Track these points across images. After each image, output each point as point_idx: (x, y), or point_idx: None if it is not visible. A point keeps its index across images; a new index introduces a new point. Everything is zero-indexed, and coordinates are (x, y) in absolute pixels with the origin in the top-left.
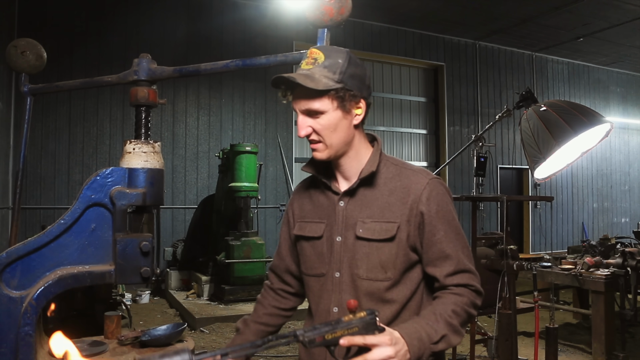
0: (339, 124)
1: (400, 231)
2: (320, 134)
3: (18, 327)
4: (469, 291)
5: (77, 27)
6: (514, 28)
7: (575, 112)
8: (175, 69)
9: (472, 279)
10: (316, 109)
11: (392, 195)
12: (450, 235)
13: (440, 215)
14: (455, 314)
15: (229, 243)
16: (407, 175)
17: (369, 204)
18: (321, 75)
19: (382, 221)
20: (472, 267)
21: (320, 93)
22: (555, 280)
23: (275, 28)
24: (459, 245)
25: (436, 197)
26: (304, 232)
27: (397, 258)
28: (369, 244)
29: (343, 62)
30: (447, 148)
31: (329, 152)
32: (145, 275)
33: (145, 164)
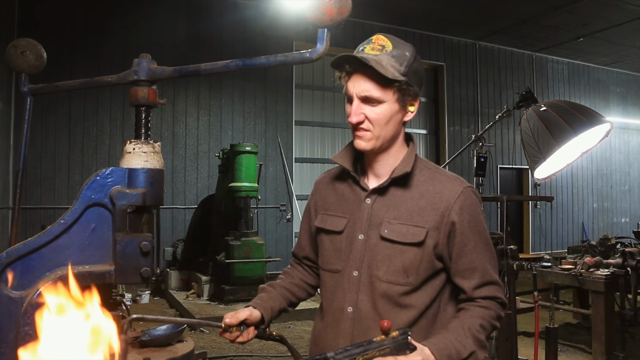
0: (393, 117)
1: (428, 237)
2: (373, 123)
3: (18, 327)
4: (495, 304)
5: (77, 27)
6: (514, 28)
7: (575, 112)
8: (175, 69)
9: (498, 291)
10: (376, 97)
11: (423, 199)
12: (479, 247)
13: (472, 225)
14: (482, 328)
15: (229, 243)
16: (440, 181)
17: (397, 205)
18: (389, 64)
19: (410, 224)
20: (497, 278)
21: (385, 82)
22: (555, 280)
23: (275, 28)
24: (487, 257)
25: (469, 207)
26: (325, 225)
27: (421, 264)
28: (393, 246)
29: (410, 55)
30: (447, 148)
31: (375, 143)
32: (145, 275)
33: (145, 164)
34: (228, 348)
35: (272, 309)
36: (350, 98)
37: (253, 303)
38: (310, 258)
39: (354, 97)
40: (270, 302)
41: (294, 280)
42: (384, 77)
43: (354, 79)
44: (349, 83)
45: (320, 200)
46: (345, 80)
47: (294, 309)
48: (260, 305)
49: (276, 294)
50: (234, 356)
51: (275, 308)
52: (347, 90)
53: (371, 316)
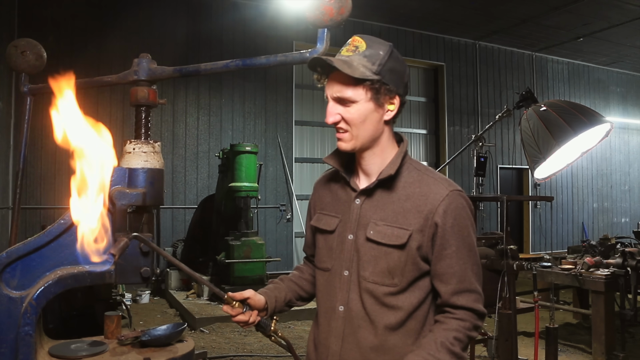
0: (369, 116)
1: (411, 240)
2: (349, 124)
3: (18, 327)
4: (471, 314)
5: (77, 27)
6: (514, 28)
7: (575, 112)
8: (175, 69)
9: (477, 301)
10: (348, 97)
11: (409, 201)
12: (461, 252)
13: (455, 230)
14: (457, 341)
15: (229, 243)
16: (427, 183)
17: (384, 207)
18: (360, 64)
19: (395, 226)
20: (479, 287)
21: (355, 81)
22: (555, 280)
23: (275, 28)
24: (469, 264)
25: (454, 211)
26: (319, 224)
27: (406, 266)
28: (378, 247)
29: (384, 54)
30: (447, 148)
31: (354, 143)
32: (145, 275)
33: (145, 164)
34: (228, 348)
35: (276, 299)
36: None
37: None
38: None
39: (329, 98)
40: (276, 292)
41: (304, 275)
42: (354, 77)
43: (329, 81)
44: (325, 84)
45: (318, 200)
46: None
47: (305, 303)
48: (265, 293)
49: (283, 286)
50: (234, 356)
51: (280, 298)
52: (325, 93)
53: (361, 315)
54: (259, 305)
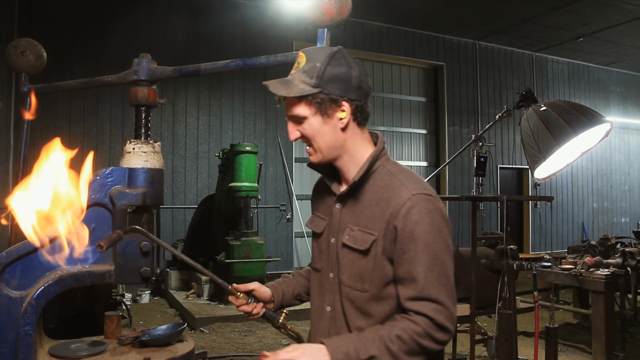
0: (321, 129)
1: (375, 245)
2: (308, 138)
3: (18, 327)
4: (427, 321)
5: (77, 27)
6: (514, 28)
7: (575, 112)
8: (175, 69)
9: (435, 311)
10: (297, 114)
11: (378, 206)
12: (422, 258)
13: (416, 234)
14: (399, 340)
15: (229, 243)
16: (394, 187)
17: (358, 212)
18: (299, 81)
19: (365, 231)
20: (440, 297)
21: (298, 99)
22: (555, 280)
23: (275, 28)
24: (432, 271)
25: (415, 215)
26: (311, 225)
27: (374, 272)
28: (351, 252)
29: (321, 65)
30: (447, 148)
31: (319, 156)
32: (145, 275)
33: (145, 164)
34: (228, 348)
35: (284, 292)
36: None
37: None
38: None
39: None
40: (284, 285)
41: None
42: (297, 98)
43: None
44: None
45: (314, 202)
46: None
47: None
48: (273, 286)
49: (293, 281)
50: (234, 356)
51: (288, 292)
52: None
53: (342, 317)
54: (265, 297)
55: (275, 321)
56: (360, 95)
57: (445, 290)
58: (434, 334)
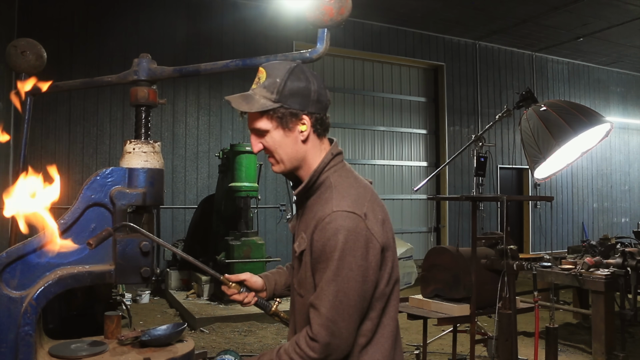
0: (282, 142)
1: (305, 254)
2: (270, 150)
3: (18, 327)
4: (305, 336)
5: (77, 27)
6: (514, 28)
7: (575, 112)
8: (175, 69)
9: (318, 324)
10: (259, 128)
11: (313, 219)
12: (326, 272)
13: (327, 250)
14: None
15: (229, 243)
16: (325, 200)
17: (304, 220)
18: (260, 96)
19: (303, 239)
20: (330, 313)
21: (260, 113)
22: (555, 280)
23: (275, 28)
24: (327, 287)
25: (330, 231)
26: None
27: (306, 279)
28: (296, 259)
29: (281, 80)
30: (447, 148)
31: (281, 167)
32: (145, 275)
33: (145, 164)
34: (228, 348)
35: (276, 282)
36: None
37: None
38: None
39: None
40: (277, 276)
41: None
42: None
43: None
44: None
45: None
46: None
47: None
48: (266, 276)
49: (284, 272)
50: None
51: (280, 282)
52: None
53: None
54: (257, 287)
55: (268, 309)
56: (319, 108)
57: (334, 308)
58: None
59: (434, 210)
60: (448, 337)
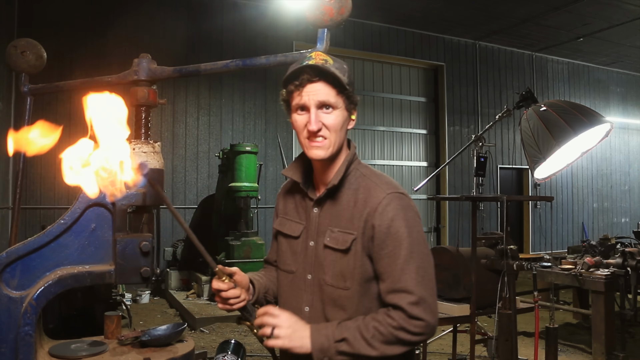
0: (343, 124)
1: (355, 243)
2: (330, 130)
3: (18, 327)
4: (401, 315)
5: (77, 27)
6: (514, 28)
7: (575, 112)
8: (175, 69)
9: (410, 304)
10: (332, 104)
11: (355, 208)
12: (399, 253)
13: (392, 230)
14: (374, 329)
15: (229, 243)
16: (369, 188)
17: (337, 214)
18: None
19: (345, 232)
20: (421, 291)
21: (339, 89)
22: (555, 280)
23: (275, 28)
24: (407, 266)
25: (390, 212)
26: (283, 228)
27: (355, 269)
28: (334, 253)
29: (348, 68)
30: (447, 148)
31: (332, 150)
32: (145, 275)
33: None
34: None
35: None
36: (303, 107)
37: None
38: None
39: (310, 106)
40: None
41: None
42: (338, 85)
43: (307, 90)
44: (302, 94)
45: (282, 205)
46: (297, 93)
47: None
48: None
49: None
50: None
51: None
52: (299, 101)
53: (322, 316)
54: (244, 284)
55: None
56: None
57: (423, 282)
58: (408, 326)
59: (434, 210)
60: (448, 337)
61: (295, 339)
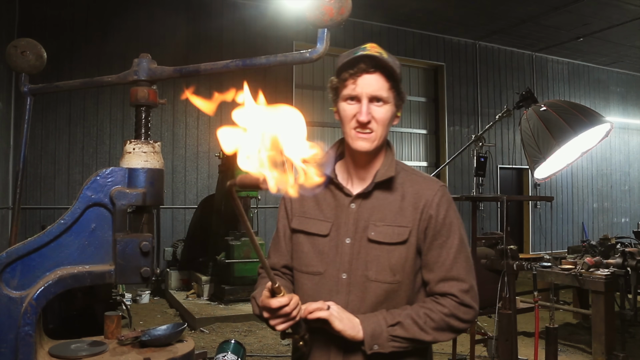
0: (390, 119)
1: (411, 235)
2: (378, 123)
3: (18, 327)
4: (452, 302)
5: (77, 27)
6: (514, 28)
7: (575, 112)
8: (175, 69)
9: (463, 291)
10: (384, 97)
11: (405, 201)
12: (451, 243)
13: (447, 221)
14: (426, 316)
15: (229, 243)
16: (418, 182)
17: (381, 208)
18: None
19: (395, 225)
20: (470, 280)
21: (392, 83)
22: (555, 280)
23: (275, 28)
24: (459, 255)
25: (445, 204)
26: (305, 227)
27: (407, 261)
28: (380, 247)
29: (399, 64)
30: (447, 148)
31: (377, 144)
32: (145, 275)
33: (145, 164)
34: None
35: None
36: (355, 97)
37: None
38: (290, 266)
39: (362, 97)
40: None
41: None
42: (392, 79)
43: (361, 80)
44: (356, 83)
45: (298, 204)
46: (351, 81)
47: None
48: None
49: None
50: None
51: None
52: (351, 91)
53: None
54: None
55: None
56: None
57: (469, 272)
58: (459, 313)
59: None
60: None
61: (347, 326)
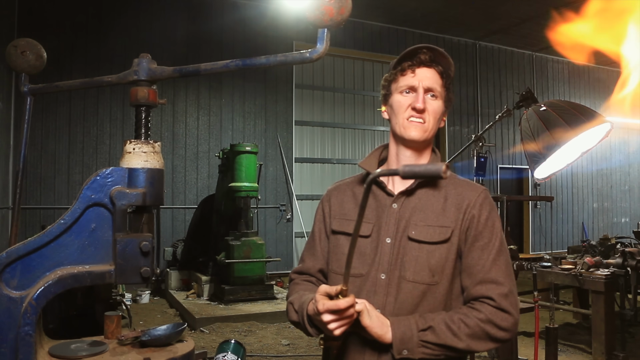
0: (441, 115)
1: (453, 235)
2: (430, 115)
3: (18, 327)
4: (487, 306)
5: (77, 27)
6: (514, 28)
7: (575, 112)
8: (175, 69)
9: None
10: (437, 92)
11: (447, 201)
12: (493, 244)
13: (489, 223)
14: (461, 322)
15: (229, 243)
16: (460, 184)
17: (423, 208)
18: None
19: (436, 225)
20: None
21: (446, 79)
22: (555, 280)
23: (275, 28)
24: (499, 258)
25: (488, 206)
26: (347, 228)
27: (447, 262)
28: (420, 247)
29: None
30: (447, 148)
31: (427, 135)
32: (145, 275)
33: (145, 164)
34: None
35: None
36: (411, 89)
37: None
38: (325, 270)
39: (418, 87)
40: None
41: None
42: (445, 76)
43: (418, 73)
44: (414, 74)
45: (337, 206)
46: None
47: None
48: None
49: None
50: None
51: None
52: (408, 82)
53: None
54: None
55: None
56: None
57: (511, 276)
58: (497, 319)
59: None
60: None
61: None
